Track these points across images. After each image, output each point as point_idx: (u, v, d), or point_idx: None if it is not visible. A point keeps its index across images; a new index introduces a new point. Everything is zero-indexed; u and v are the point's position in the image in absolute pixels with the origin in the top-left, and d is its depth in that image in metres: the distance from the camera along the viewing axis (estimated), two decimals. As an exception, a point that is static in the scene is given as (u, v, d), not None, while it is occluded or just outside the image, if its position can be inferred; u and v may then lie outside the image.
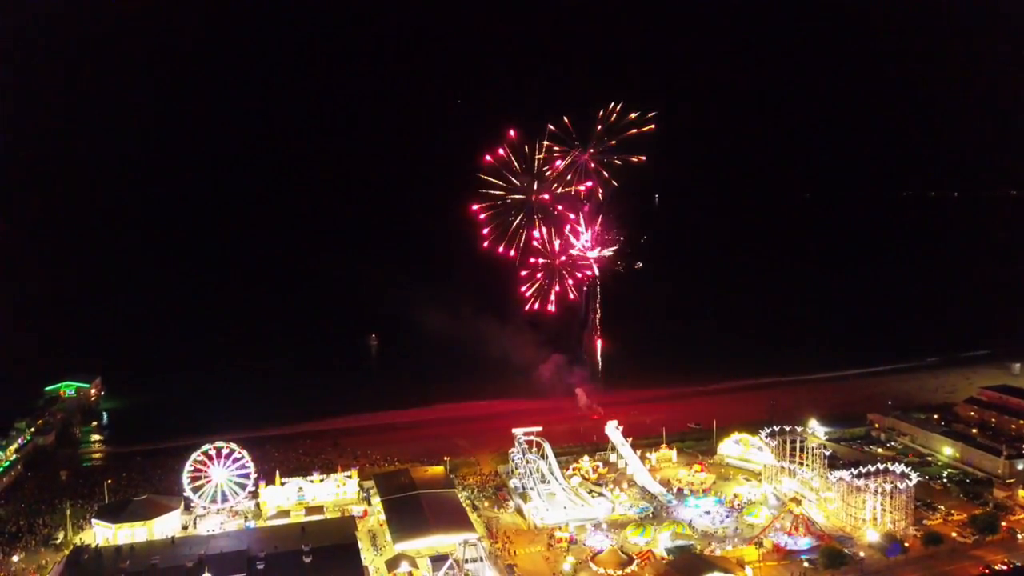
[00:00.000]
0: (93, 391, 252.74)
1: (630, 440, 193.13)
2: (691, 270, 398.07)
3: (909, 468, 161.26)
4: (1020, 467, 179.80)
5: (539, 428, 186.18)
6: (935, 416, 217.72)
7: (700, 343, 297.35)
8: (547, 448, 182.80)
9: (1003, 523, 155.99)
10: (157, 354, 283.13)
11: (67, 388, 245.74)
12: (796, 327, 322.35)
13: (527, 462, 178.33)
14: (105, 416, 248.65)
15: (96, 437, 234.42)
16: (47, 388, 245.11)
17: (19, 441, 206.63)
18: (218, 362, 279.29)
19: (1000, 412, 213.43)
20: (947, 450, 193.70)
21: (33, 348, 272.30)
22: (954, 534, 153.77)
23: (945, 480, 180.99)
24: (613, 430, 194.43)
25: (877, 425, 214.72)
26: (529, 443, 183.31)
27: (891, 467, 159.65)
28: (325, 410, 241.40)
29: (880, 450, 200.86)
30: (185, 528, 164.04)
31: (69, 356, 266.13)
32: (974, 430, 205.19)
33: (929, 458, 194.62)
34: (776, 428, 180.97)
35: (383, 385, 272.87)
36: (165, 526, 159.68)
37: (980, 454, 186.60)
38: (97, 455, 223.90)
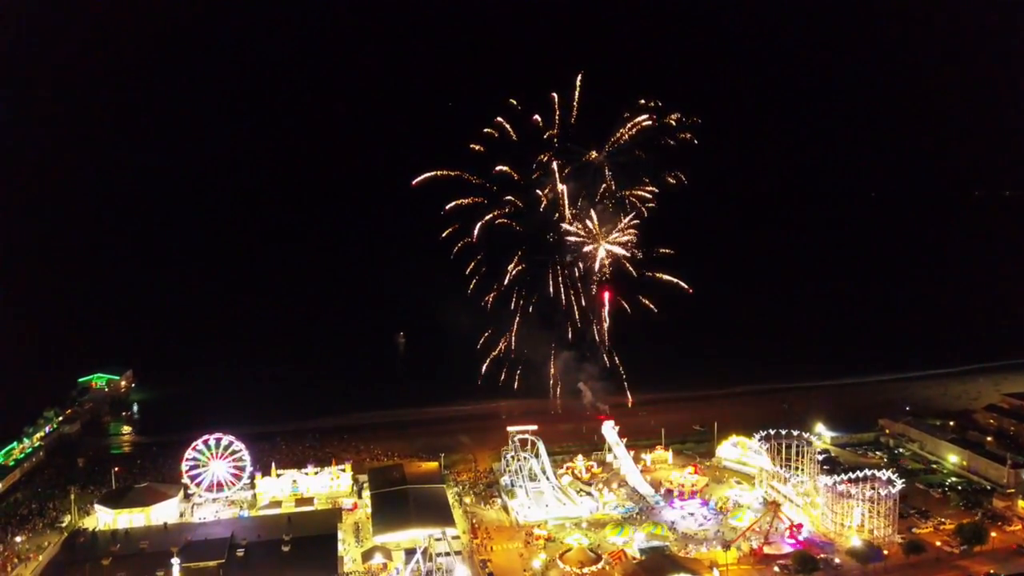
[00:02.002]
0: (123, 383, 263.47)
1: (625, 440, 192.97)
2: (727, 271, 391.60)
3: (896, 474, 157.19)
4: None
5: (534, 427, 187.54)
6: (951, 423, 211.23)
7: (725, 345, 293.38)
8: (540, 447, 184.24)
9: (993, 533, 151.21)
10: (190, 349, 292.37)
11: (98, 380, 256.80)
12: (828, 330, 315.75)
13: (517, 460, 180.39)
14: (135, 407, 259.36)
15: (126, 428, 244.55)
16: (80, 380, 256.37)
17: (46, 429, 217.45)
18: (248, 358, 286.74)
19: (1020, 420, 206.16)
20: (952, 458, 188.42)
21: (71, 341, 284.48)
22: (938, 543, 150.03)
23: (946, 489, 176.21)
24: (609, 430, 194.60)
25: (888, 431, 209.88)
26: (523, 442, 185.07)
27: (877, 473, 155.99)
28: (343, 406, 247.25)
29: (877, 455, 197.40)
30: (182, 515, 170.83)
31: (104, 349, 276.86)
32: (989, 438, 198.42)
33: (934, 466, 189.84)
34: (772, 431, 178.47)
35: (405, 383, 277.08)
36: (162, 512, 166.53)
37: (986, 463, 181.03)
38: (127, 444, 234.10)
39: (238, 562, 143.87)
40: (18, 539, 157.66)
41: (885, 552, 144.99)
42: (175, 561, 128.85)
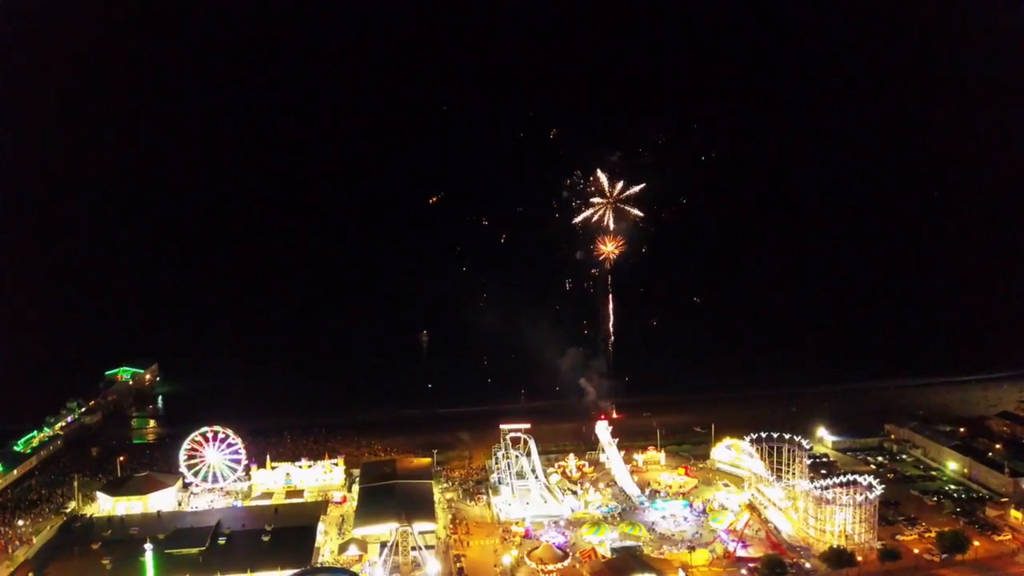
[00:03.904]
0: (148, 376, 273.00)
1: (617, 440, 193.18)
2: (751, 272, 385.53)
3: (877, 480, 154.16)
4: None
5: (526, 425, 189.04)
6: (960, 429, 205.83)
7: (740, 348, 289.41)
8: (532, 445, 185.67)
9: (976, 542, 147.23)
10: (215, 344, 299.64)
11: (124, 373, 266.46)
12: (850, 334, 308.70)
13: (507, 457, 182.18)
14: (159, 400, 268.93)
15: (151, 422, 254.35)
16: (107, 373, 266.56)
17: (68, 419, 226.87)
18: (273, 354, 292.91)
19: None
20: (952, 465, 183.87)
21: (100, 336, 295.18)
22: (916, 550, 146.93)
23: (940, 496, 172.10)
24: (603, 430, 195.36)
25: (893, 436, 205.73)
26: (515, 440, 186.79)
27: (857, 478, 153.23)
28: (359, 403, 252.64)
29: (876, 459, 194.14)
30: (180, 504, 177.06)
31: (131, 344, 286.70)
32: (997, 445, 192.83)
33: (934, 472, 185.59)
34: (764, 434, 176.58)
35: (422, 381, 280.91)
36: (159, 501, 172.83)
37: (986, 470, 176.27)
38: (150, 435, 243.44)
39: (219, 550, 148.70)
40: (20, 522, 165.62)
41: (858, 558, 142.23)
42: (148, 547, 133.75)
